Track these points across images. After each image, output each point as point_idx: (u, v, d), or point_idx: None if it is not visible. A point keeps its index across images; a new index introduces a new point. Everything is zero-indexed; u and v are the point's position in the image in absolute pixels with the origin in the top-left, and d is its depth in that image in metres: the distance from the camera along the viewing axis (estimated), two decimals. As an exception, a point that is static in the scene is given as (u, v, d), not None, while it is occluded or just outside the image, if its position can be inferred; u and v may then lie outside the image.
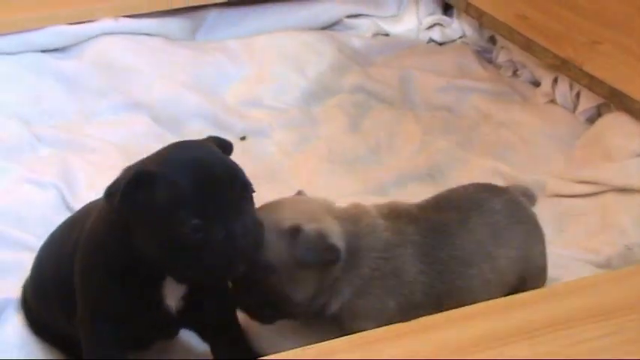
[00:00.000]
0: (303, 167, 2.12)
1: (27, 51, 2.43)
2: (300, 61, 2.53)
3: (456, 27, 2.74)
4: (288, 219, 1.35)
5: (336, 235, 1.36)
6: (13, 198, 1.90)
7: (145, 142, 2.20)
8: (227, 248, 1.21)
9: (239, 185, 1.24)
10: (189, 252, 1.21)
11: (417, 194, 1.97)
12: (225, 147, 1.33)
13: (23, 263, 1.67)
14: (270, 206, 1.40)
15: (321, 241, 1.33)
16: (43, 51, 2.45)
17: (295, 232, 1.33)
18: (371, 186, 2.02)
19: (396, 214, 1.44)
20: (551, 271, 1.55)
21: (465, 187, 1.54)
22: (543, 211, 1.88)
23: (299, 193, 1.49)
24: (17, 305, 1.51)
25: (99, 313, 1.33)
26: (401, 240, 1.40)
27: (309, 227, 1.33)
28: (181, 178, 1.20)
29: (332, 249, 1.34)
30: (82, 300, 1.34)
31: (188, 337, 1.51)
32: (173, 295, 1.32)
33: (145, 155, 2.09)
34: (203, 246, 1.20)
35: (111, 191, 1.23)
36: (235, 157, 2.19)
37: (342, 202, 1.49)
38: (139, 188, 1.20)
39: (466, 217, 1.44)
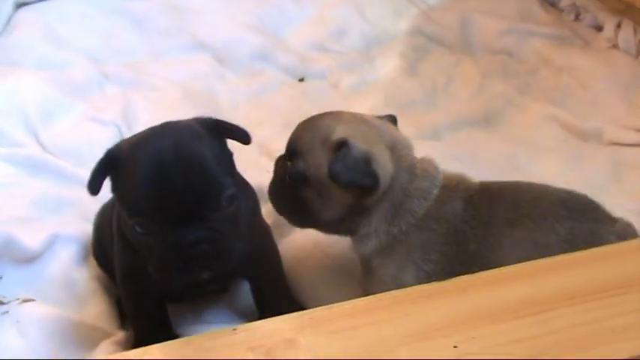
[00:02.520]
0: (358, 110, 1.90)
1: (99, -9, 2.31)
2: (360, 4, 2.33)
3: (520, -31, 2.48)
4: (338, 132, 1.13)
5: (384, 166, 1.12)
6: (76, 135, 1.80)
7: (206, 82, 2.08)
8: (170, 257, 1.03)
9: (198, 191, 1.02)
10: (142, 249, 1.08)
11: (472, 139, 1.79)
12: (219, 130, 1.09)
13: (78, 200, 1.55)
14: (327, 115, 1.19)
15: (364, 164, 1.10)
16: (115, -9, 2.32)
17: (341, 146, 1.11)
18: (425, 130, 1.83)
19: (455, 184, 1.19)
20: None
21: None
22: (600, 160, 1.68)
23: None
24: (65, 242, 1.39)
25: (129, 279, 1.21)
26: (445, 211, 1.16)
27: (357, 145, 1.11)
28: (136, 173, 1.02)
29: (372, 175, 1.10)
30: (115, 261, 1.22)
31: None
32: None
33: (205, 95, 1.98)
34: (150, 249, 1.05)
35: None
36: (293, 97, 2.08)
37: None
38: (108, 170, 1.07)
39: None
